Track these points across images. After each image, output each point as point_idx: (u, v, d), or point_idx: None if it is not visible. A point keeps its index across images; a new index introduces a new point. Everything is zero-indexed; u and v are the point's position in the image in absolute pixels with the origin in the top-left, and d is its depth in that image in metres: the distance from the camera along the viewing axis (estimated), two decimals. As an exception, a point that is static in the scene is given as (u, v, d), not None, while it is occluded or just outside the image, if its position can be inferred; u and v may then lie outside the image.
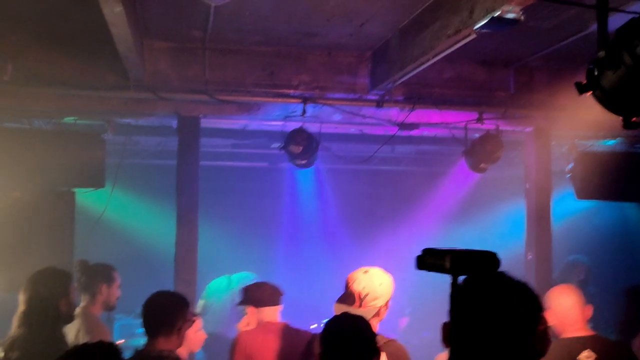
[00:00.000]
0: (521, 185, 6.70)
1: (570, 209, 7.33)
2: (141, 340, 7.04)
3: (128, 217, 8.09)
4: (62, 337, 3.72)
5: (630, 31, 2.20)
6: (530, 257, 6.20)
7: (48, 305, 3.61)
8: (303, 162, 5.82)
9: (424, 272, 6.73)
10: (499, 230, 8.39)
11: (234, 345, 4.41)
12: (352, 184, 8.94)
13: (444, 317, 3.07)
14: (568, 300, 3.99)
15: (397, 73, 5.25)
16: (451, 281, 1.79)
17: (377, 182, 8.91)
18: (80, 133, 5.97)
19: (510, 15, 3.53)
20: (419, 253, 1.91)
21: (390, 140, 6.73)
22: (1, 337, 4.19)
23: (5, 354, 3.56)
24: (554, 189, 6.50)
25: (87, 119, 5.98)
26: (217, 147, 7.58)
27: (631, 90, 2.25)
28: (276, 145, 7.70)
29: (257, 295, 4.51)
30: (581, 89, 2.35)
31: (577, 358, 3.62)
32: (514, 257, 6.61)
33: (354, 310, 3.67)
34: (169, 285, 6.19)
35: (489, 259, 1.80)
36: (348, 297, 3.73)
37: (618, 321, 5.17)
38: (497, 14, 3.55)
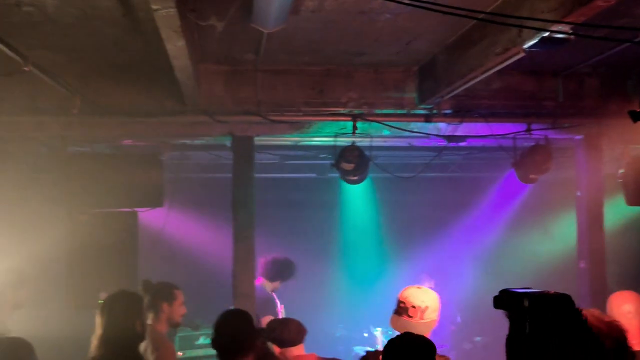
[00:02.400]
0: (571, 188, 6.66)
1: (623, 214, 7.22)
2: (200, 352, 7.27)
3: (185, 233, 8.29)
4: (139, 355, 3.92)
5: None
6: (583, 265, 6.16)
7: (125, 327, 3.80)
8: (354, 178, 5.91)
9: (469, 280, 6.73)
10: (550, 236, 8.34)
11: None
12: (399, 193, 8.98)
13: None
14: (629, 307, 3.91)
15: (444, 89, 5.31)
16: (528, 321, 1.86)
17: (423, 189, 8.91)
18: (139, 155, 6.17)
19: (559, 35, 3.55)
20: (497, 294, 1.99)
21: (438, 149, 6.80)
22: (73, 354, 4.39)
23: None
24: (604, 194, 6.44)
25: (142, 142, 6.19)
26: (266, 160, 7.73)
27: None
28: (324, 156, 7.86)
29: (282, 335, 4.39)
30: (635, 117, 2.38)
31: None
32: (567, 264, 6.61)
33: (414, 322, 3.78)
34: (228, 297, 6.40)
35: (563, 301, 1.88)
36: (407, 310, 3.82)
37: None
38: (546, 34, 3.58)
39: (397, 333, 3.84)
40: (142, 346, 4.47)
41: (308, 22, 4.57)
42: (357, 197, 9.18)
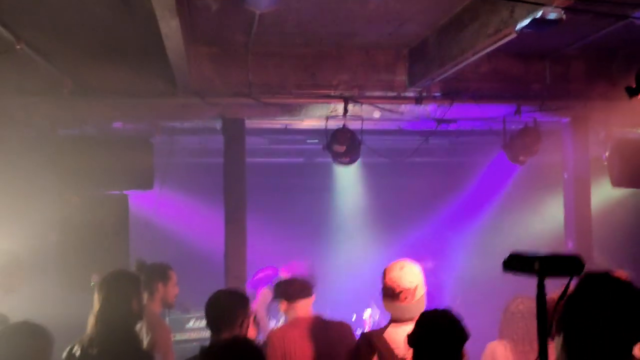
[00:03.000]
0: (559, 171, 6.74)
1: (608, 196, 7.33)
2: (190, 335, 7.29)
3: (175, 216, 8.29)
4: (136, 334, 3.94)
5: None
6: (571, 244, 6.26)
7: (122, 306, 3.81)
8: (346, 160, 5.95)
9: (460, 262, 6.79)
10: (537, 218, 8.44)
11: (267, 347, 4.53)
12: (387, 177, 9.03)
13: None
14: None
15: (435, 71, 5.33)
16: (538, 283, 1.91)
17: (412, 174, 8.97)
18: (129, 137, 6.15)
19: (552, 16, 3.59)
20: (506, 257, 2.04)
21: (427, 133, 6.85)
22: (67, 334, 4.39)
23: (83, 350, 3.77)
24: (590, 175, 6.53)
25: (132, 123, 6.18)
26: (254, 145, 7.74)
27: (680, 93, 2.32)
28: (312, 141, 7.89)
29: (288, 290, 4.66)
30: (631, 92, 2.43)
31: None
32: (555, 244, 6.71)
33: (408, 304, 3.83)
34: (219, 280, 6.42)
35: (574, 262, 1.93)
36: (399, 295, 3.86)
37: None
38: (539, 15, 3.61)
39: (388, 315, 3.94)
40: (137, 326, 4.50)
41: (300, 3, 4.57)
42: (347, 181, 9.21)
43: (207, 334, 7.47)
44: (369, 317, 7.72)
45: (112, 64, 5.36)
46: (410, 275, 3.90)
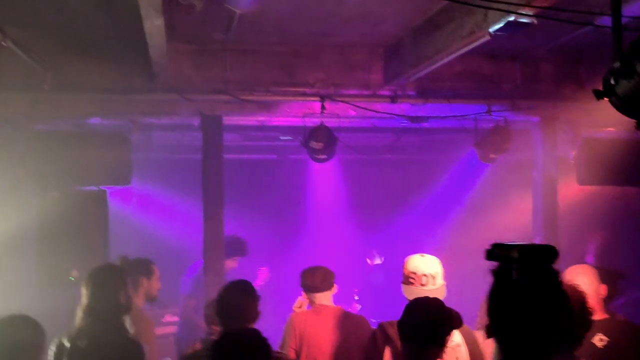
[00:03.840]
0: (527, 170, 6.92)
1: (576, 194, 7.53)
2: (166, 330, 7.31)
3: (153, 212, 8.32)
4: (124, 327, 3.99)
5: (643, 44, 2.42)
6: (538, 240, 6.42)
7: (110, 299, 3.87)
8: (323, 157, 6.05)
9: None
10: (507, 215, 8.63)
11: (287, 326, 4.77)
12: (361, 174, 9.17)
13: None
14: (581, 279, 4.12)
15: (410, 70, 5.46)
16: (516, 269, 2.03)
17: (384, 170, 9.12)
18: (107, 133, 6.17)
19: (524, 20, 3.73)
20: (489, 247, 2.16)
21: (401, 131, 6.99)
22: (48, 328, 4.42)
23: (72, 343, 3.82)
24: (558, 174, 6.70)
25: (113, 120, 6.20)
26: (228, 141, 7.78)
27: (644, 97, 2.47)
28: (285, 137, 7.99)
29: (308, 281, 4.80)
30: (598, 95, 2.58)
31: (591, 342, 3.73)
32: (523, 240, 6.88)
33: (428, 290, 3.97)
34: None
35: (549, 251, 2.07)
36: (420, 279, 4.02)
37: None
38: (512, 18, 3.74)
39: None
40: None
41: (279, 2, 4.65)
42: (320, 177, 9.32)
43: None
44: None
45: (90, 60, 5.38)
46: (431, 262, 4.11)
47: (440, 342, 3.22)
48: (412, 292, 4.00)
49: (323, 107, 5.84)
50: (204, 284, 5.94)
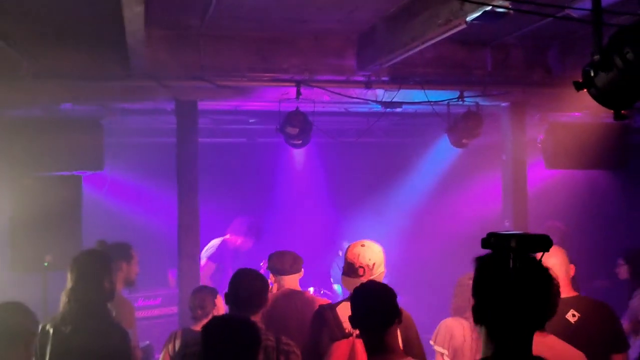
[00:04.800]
0: (497, 152, 7.07)
1: (543, 177, 7.71)
2: (140, 314, 7.32)
3: (127, 197, 8.28)
4: (109, 312, 4.00)
5: (621, 39, 2.51)
6: (508, 224, 6.58)
7: (94, 284, 3.88)
8: (298, 142, 6.09)
9: (401, 241, 7.03)
10: (477, 198, 8.79)
11: None
12: (334, 157, 9.22)
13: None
14: (553, 260, 4.24)
15: (384, 57, 5.50)
16: (512, 257, 2.11)
17: (358, 154, 9.18)
18: (79, 119, 6.13)
19: (500, 9, 3.80)
20: (485, 236, 2.24)
21: (375, 116, 7.07)
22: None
23: (56, 328, 3.82)
24: (527, 157, 6.85)
25: (86, 105, 6.14)
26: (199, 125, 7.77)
27: (621, 89, 2.57)
28: (253, 120, 8.01)
29: (277, 265, 4.85)
30: (578, 86, 2.66)
31: (565, 318, 3.94)
32: (493, 223, 7.03)
33: (364, 280, 4.02)
34: (171, 260, 6.49)
35: (544, 240, 2.16)
36: (357, 270, 4.06)
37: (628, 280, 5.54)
38: (488, 8, 3.81)
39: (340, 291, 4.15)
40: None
41: (257, -11, 4.66)
42: (293, 162, 9.36)
43: (156, 312, 7.61)
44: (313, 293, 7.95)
45: (67, 46, 5.32)
46: (370, 252, 4.11)
47: (393, 321, 3.26)
48: (349, 283, 4.06)
49: (299, 93, 5.87)
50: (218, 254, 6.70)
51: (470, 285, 4.52)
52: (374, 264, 4.08)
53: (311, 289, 7.89)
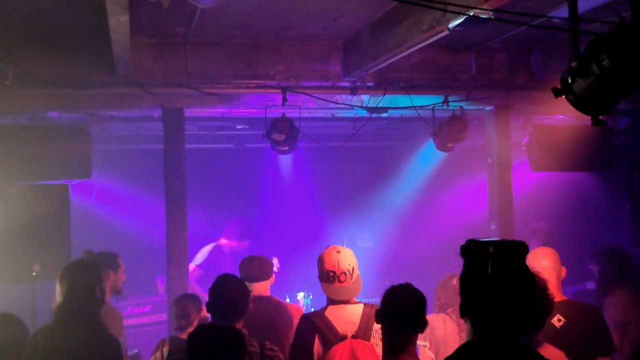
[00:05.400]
0: (482, 155, 7.13)
1: (529, 179, 7.77)
2: (129, 322, 7.32)
3: (115, 204, 8.27)
4: (101, 322, 4.01)
5: (597, 46, 2.56)
6: (494, 226, 6.63)
7: (85, 293, 3.89)
8: (285, 148, 6.11)
9: (384, 245, 7.05)
10: (463, 200, 8.85)
11: None
12: (321, 162, 9.25)
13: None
14: (545, 263, 4.28)
15: (369, 63, 5.55)
16: (490, 264, 2.18)
17: (344, 159, 9.20)
18: (66, 127, 6.13)
19: (483, 16, 3.85)
20: (464, 243, 2.31)
21: (360, 121, 7.12)
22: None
23: (47, 338, 3.82)
24: (512, 160, 6.89)
25: (72, 113, 6.15)
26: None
27: (598, 95, 2.62)
28: (241, 126, 8.04)
29: (244, 271, 4.86)
30: (557, 93, 2.71)
31: (551, 322, 3.94)
32: (479, 226, 7.09)
33: (348, 285, 4.07)
34: (159, 268, 6.50)
35: (521, 247, 2.22)
36: (339, 276, 4.09)
37: (597, 281, 5.60)
38: (471, 13, 3.86)
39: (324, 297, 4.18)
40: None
41: (243, -3, 4.69)
42: (280, 167, 9.38)
43: (145, 319, 7.61)
44: (302, 299, 7.98)
45: (50, 54, 5.32)
46: (348, 257, 4.16)
47: (424, 327, 3.33)
48: (332, 290, 4.10)
49: (284, 99, 5.90)
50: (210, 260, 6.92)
51: (451, 284, 4.61)
52: (353, 268, 4.14)
53: (301, 294, 7.95)
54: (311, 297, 7.90)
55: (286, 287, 7.99)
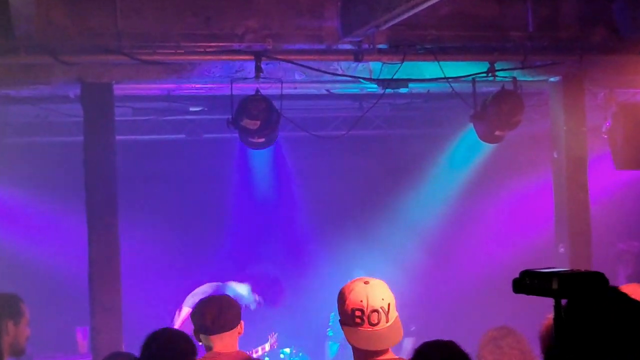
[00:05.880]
0: (543, 148, 7.13)
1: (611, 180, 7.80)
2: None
3: (9, 224, 8.26)
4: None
5: None
6: (563, 249, 6.64)
7: None
8: (260, 140, 6.11)
9: (408, 272, 7.07)
10: (518, 213, 8.86)
11: None
12: (311, 158, 9.26)
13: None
14: None
15: (382, 15, 5.52)
16: (555, 304, 2.20)
17: (347, 151, 9.21)
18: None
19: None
20: (517, 276, 2.32)
21: (368, 99, 7.13)
22: None
23: None
24: (588, 154, 6.90)
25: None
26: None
27: None
28: (195, 109, 8.04)
29: (196, 320, 4.84)
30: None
31: None
32: (545, 247, 7.10)
33: (382, 330, 4.06)
34: (80, 313, 6.49)
35: (598, 280, 2.23)
36: (368, 318, 4.10)
37: None
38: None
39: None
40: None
41: None
42: (253, 166, 9.39)
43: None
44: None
45: None
46: (380, 290, 4.14)
47: None
48: (360, 337, 4.08)
49: (259, 69, 5.89)
50: None
51: (501, 342, 4.62)
52: (389, 305, 4.12)
53: (287, 351, 7.95)
54: (301, 355, 7.92)
55: (261, 339, 8.00)
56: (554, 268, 2.30)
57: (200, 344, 4.86)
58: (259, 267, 7.79)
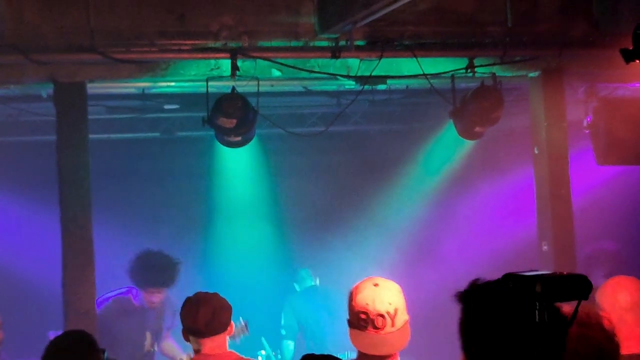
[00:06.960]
0: (523, 144, 7.18)
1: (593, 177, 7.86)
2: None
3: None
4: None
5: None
6: (546, 247, 6.68)
7: None
8: (237, 139, 6.15)
9: (401, 274, 7.10)
10: (499, 211, 8.92)
11: None
12: (289, 155, 9.30)
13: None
14: (626, 300, 4.29)
15: (359, 11, 5.57)
16: (538, 308, 2.23)
17: (325, 148, 9.24)
18: None
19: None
20: (499, 278, 2.35)
21: (346, 96, 7.19)
22: None
23: None
24: (569, 150, 6.94)
25: None
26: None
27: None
28: (171, 106, 8.07)
29: (187, 322, 4.86)
30: (627, 56, 2.78)
31: None
32: (525, 246, 7.15)
33: (385, 335, 4.10)
34: (54, 319, 6.51)
35: (581, 282, 2.27)
36: (373, 322, 4.14)
37: None
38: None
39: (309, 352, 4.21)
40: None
41: None
42: (228, 165, 9.40)
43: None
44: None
45: None
46: (388, 294, 4.16)
47: None
48: (364, 340, 4.11)
49: (235, 67, 5.94)
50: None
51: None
52: (396, 310, 4.12)
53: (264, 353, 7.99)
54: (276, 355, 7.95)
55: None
56: (536, 270, 2.34)
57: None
58: None
